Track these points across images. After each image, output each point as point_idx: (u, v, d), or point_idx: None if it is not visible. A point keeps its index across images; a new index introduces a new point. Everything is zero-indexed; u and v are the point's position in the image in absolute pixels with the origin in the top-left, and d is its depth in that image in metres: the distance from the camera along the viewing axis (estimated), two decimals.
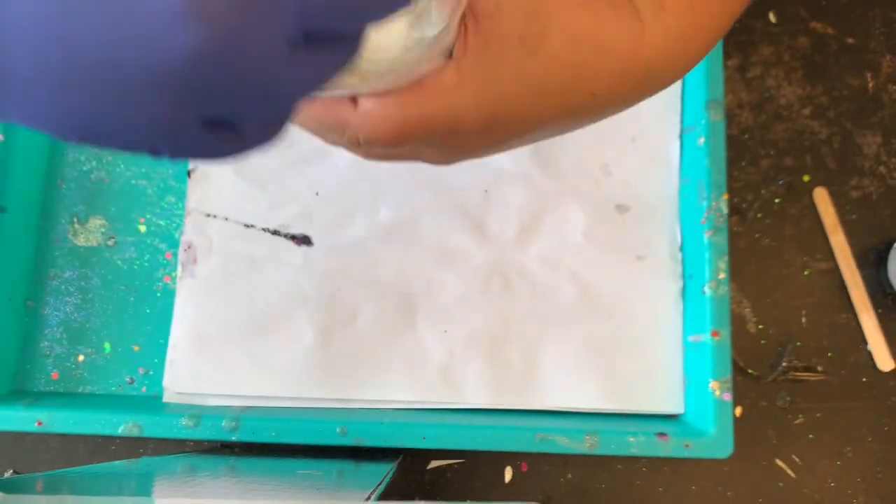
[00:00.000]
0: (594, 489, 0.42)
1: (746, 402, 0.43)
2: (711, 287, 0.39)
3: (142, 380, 0.42)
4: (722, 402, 0.38)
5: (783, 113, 0.46)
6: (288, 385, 0.40)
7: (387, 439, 0.37)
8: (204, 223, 0.42)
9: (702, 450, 0.37)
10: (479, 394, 0.40)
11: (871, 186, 0.45)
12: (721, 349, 0.38)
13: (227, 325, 0.41)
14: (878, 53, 0.47)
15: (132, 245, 0.43)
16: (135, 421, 0.37)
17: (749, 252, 0.45)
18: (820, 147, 0.46)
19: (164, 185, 0.44)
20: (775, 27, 0.47)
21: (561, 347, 0.41)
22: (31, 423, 0.38)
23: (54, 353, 0.42)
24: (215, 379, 0.40)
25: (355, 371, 0.40)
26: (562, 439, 0.37)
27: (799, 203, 0.45)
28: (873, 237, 0.45)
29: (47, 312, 0.43)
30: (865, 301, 0.44)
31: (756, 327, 0.44)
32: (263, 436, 0.37)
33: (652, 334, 0.41)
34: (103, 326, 0.42)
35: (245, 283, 0.41)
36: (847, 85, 0.46)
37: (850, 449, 0.43)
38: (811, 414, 0.43)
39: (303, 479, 0.33)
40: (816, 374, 0.43)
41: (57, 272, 0.43)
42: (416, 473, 0.42)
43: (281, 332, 0.41)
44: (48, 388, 0.42)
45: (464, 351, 0.41)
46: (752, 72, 0.47)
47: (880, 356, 0.43)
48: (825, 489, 0.42)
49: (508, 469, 0.42)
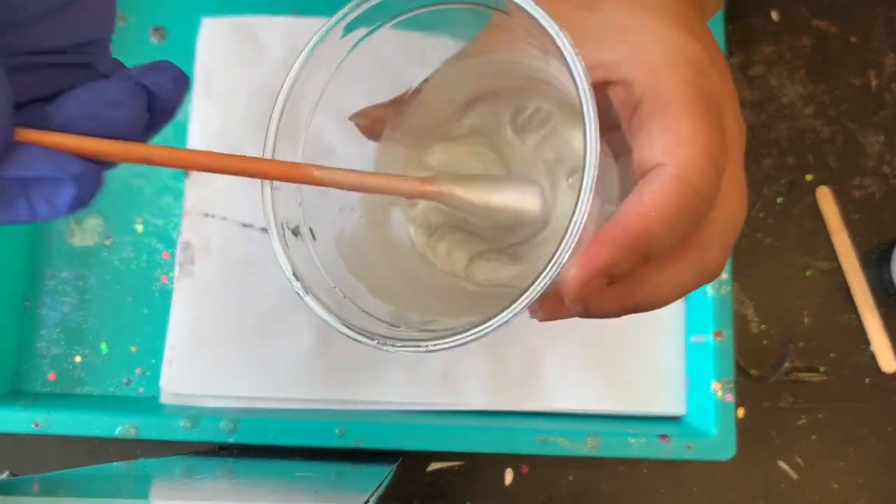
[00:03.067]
0: (595, 491, 0.42)
1: (748, 403, 0.43)
2: (713, 287, 0.39)
3: (139, 380, 0.42)
4: (724, 404, 0.37)
5: (785, 112, 0.46)
6: (286, 386, 0.40)
7: (386, 441, 0.37)
8: (202, 223, 0.42)
9: (704, 451, 0.37)
10: (479, 395, 0.40)
11: (874, 186, 0.45)
12: (723, 350, 0.38)
13: (225, 326, 0.40)
14: (881, 52, 0.46)
15: (129, 245, 0.43)
16: (132, 422, 0.37)
17: (751, 252, 0.44)
18: (822, 146, 0.46)
19: (161, 184, 0.43)
20: (777, 25, 0.47)
21: (561, 348, 0.41)
22: (28, 424, 0.37)
23: (51, 354, 0.42)
24: (213, 380, 0.40)
25: (354, 372, 0.40)
26: (563, 441, 0.37)
27: (801, 202, 0.45)
28: (876, 237, 0.44)
29: (44, 313, 0.42)
30: (868, 301, 0.43)
31: (758, 327, 0.44)
32: (262, 437, 0.37)
33: (653, 335, 0.41)
34: (100, 327, 0.42)
35: (243, 284, 0.41)
36: (850, 84, 0.46)
37: (853, 450, 0.42)
38: (813, 415, 0.43)
39: (301, 481, 0.32)
40: (819, 375, 0.43)
41: (54, 272, 0.43)
42: (415, 475, 0.42)
43: (279, 332, 0.40)
44: (45, 389, 0.42)
45: (464, 352, 0.40)
46: (754, 70, 0.46)
47: (883, 357, 0.43)
48: (827, 490, 0.42)
49: (509, 471, 0.42)
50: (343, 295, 0.23)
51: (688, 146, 0.20)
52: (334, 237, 0.25)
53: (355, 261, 0.25)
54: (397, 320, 0.23)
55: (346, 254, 0.25)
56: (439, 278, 0.29)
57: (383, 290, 0.24)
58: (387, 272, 0.27)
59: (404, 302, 0.24)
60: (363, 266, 0.25)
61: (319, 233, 0.24)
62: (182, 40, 0.44)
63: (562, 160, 0.27)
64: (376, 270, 0.26)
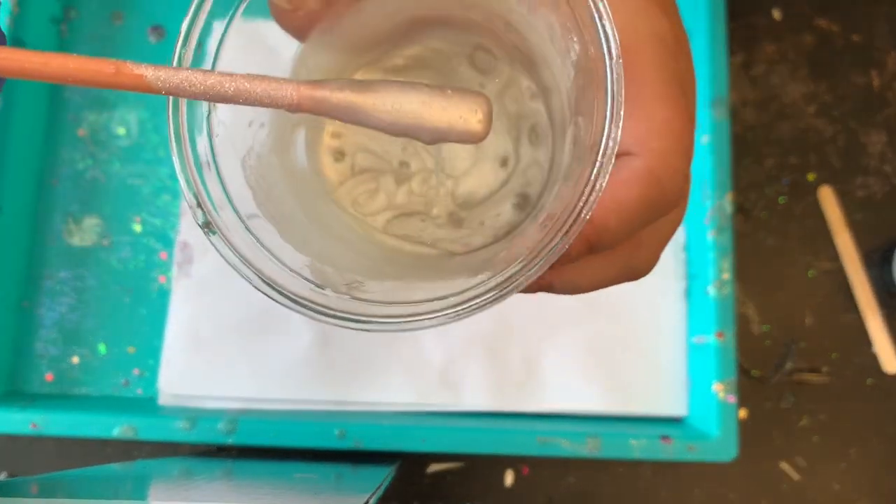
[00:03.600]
0: (596, 493, 0.41)
1: (750, 404, 0.42)
2: (715, 287, 0.38)
3: (137, 381, 0.41)
4: (726, 404, 0.37)
5: (787, 111, 0.46)
6: (285, 387, 0.40)
7: (386, 442, 0.37)
8: None
9: (705, 452, 0.37)
10: (479, 396, 0.40)
11: (876, 186, 0.45)
12: (725, 350, 0.38)
13: (224, 326, 0.40)
14: (884, 51, 0.46)
15: (127, 245, 0.43)
16: (130, 423, 0.37)
17: (753, 252, 0.44)
18: (825, 145, 0.45)
19: (159, 184, 0.43)
20: (780, 24, 0.46)
21: (562, 349, 0.40)
22: (26, 425, 0.37)
23: (49, 355, 0.42)
24: (212, 380, 0.40)
25: (354, 373, 0.40)
26: (563, 442, 0.37)
27: (803, 202, 0.45)
28: (878, 237, 0.44)
29: (41, 313, 0.42)
30: (871, 302, 0.43)
31: (760, 328, 0.43)
32: (260, 438, 0.37)
33: (655, 335, 0.41)
34: (98, 327, 0.42)
35: (242, 284, 0.41)
36: (852, 83, 0.46)
37: (855, 451, 0.42)
38: (815, 416, 0.43)
39: (300, 483, 0.32)
40: (821, 376, 0.43)
41: (51, 272, 0.42)
42: (415, 477, 0.41)
43: (278, 333, 0.40)
44: (42, 390, 0.41)
45: (464, 353, 0.40)
46: (756, 69, 0.46)
47: (886, 357, 0.43)
48: (829, 491, 0.42)
49: (509, 472, 0.41)
50: (255, 239, 0.19)
51: (660, 139, 0.19)
52: (241, 159, 0.20)
53: (264, 194, 0.20)
54: (319, 278, 0.18)
55: (254, 183, 0.20)
56: (348, 222, 0.24)
57: (294, 234, 0.20)
58: (294, 209, 0.22)
59: (318, 253, 0.20)
60: (271, 200, 0.20)
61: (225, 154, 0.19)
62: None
63: (523, 115, 0.24)
64: (284, 206, 0.21)
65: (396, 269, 0.23)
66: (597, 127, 0.17)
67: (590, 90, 0.18)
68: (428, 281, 0.20)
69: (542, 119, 0.24)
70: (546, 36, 0.21)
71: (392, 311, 0.17)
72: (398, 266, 0.23)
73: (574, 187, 0.17)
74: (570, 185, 0.18)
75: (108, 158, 0.43)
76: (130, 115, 0.44)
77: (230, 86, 0.16)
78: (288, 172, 0.23)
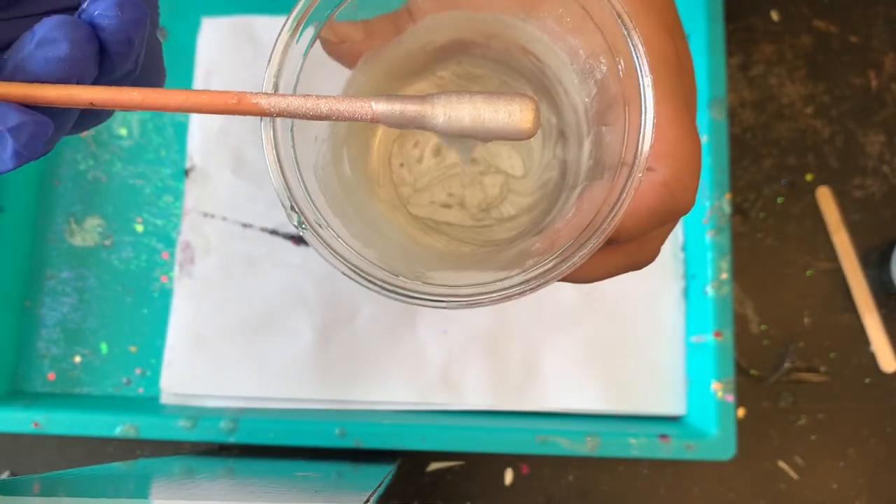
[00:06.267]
0: (595, 491, 0.42)
1: (748, 403, 0.43)
2: (714, 287, 0.39)
3: (139, 381, 0.42)
4: (724, 404, 0.37)
5: (785, 112, 0.46)
6: (286, 386, 0.40)
7: (386, 441, 0.37)
8: (201, 223, 0.42)
9: (704, 451, 0.37)
10: (479, 395, 0.40)
11: (874, 186, 0.45)
12: (724, 350, 0.38)
13: (225, 326, 0.40)
14: (881, 52, 0.46)
15: (129, 245, 0.43)
16: (132, 422, 0.37)
17: (751, 252, 0.44)
18: (823, 146, 0.45)
19: (161, 184, 0.43)
20: (778, 25, 0.47)
21: (561, 348, 0.41)
22: (28, 424, 0.37)
23: (51, 354, 0.42)
24: (213, 380, 0.40)
25: (354, 372, 0.40)
26: (563, 441, 0.37)
27: (801, 202, 0.45)
28: (876, 237, 0.44)
29: (44, 313, 0.42)
30: (868, 301, 0.43)
31: (758, 328, 0.44)
32: (262, 437, 0.37)
33: (654, 335, 0.41)
34: (100, 327, 0.42)
35: (243, 284, 0.41)
36: (850, 84, 0.46)
37: (853, 450, 0.42)
38: (814, 415, 0.43)
39: (301, 481, 0.32)
40: (819, 375, 0.43)
41: (53, 272, 0.43)
42: (415, 476, 0.41)
43: (279, 332, 0.40)
44: (45, 390, 0.42)
45: (464, 352, 0.40)
46: (754, 70, 0.46)
47: (883, 357, 0.43)
48: (828, 491, 0.42)
49: (509, 471, 0.42)
50: (335, 235, 0.21)
51: (674, 159, 0.22)
52: (312, 167, 0.23)
53: (331, 198, 0.23)
54: (390, 268, 0.21)
55: (324, 189, 0.23)
56: (394, 226, 0.28)
57: (357, 234, 0.22)
58: (353, 214, 0.25)
59: (382, 249, 0.23)
60: (337, 204, 0.23)
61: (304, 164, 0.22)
62: (182, 40, 0.44)
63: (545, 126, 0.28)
64: (346, 210, 0.24)
65: (444, 262, 0.27)
66: (630, 139, 0.20)
67: (617, 105, 0.20)
68: (478, 271, 0.23)
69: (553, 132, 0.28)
70: (566, 59, 0.24)
71: (461, 292, 0.20)
72: (446, 260, 0.28)
73: (610, 192, 0.20)
74: (600, 187, 0.21)
75: (110, 159, 0.44)
76: (132, 116, 0.44)
77: (325, 106, 0.19)
78: (342, 181, 0.26)
